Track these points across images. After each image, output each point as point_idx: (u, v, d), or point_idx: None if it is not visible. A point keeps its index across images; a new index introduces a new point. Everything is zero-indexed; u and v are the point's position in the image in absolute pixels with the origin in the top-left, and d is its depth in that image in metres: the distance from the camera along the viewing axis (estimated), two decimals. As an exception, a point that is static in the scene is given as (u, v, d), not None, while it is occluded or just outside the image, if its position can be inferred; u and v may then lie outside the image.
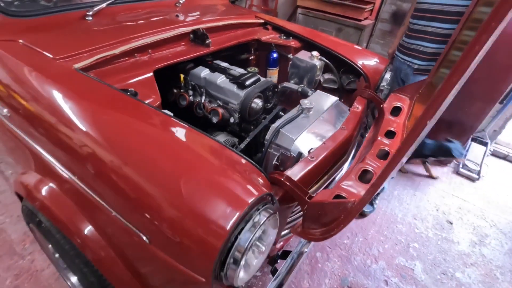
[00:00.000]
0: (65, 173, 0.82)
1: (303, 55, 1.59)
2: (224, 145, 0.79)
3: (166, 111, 0.89)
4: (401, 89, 1.41)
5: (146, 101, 0.91)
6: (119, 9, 1.35)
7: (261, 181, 0.75)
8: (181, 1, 1.61)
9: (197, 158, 0.73)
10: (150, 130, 0.79)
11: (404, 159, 0.60)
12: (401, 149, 0.58)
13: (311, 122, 1.13)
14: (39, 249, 1.46)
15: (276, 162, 1.08)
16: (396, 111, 1.28)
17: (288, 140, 1.05)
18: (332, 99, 1.32)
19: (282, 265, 1.09)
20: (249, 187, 0.67)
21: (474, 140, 2.76)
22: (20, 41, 1.03)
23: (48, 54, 0.98)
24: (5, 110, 0.94)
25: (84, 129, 0.76)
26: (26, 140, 0.91)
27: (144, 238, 0.68)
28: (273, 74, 1.71)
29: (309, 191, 0.82)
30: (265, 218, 0.65)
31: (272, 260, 1.15)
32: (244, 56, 1.74)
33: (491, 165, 2.61)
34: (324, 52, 1.60)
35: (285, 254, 1.16)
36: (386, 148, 1.00)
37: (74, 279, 1.21)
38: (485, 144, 2.70)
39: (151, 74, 1.09)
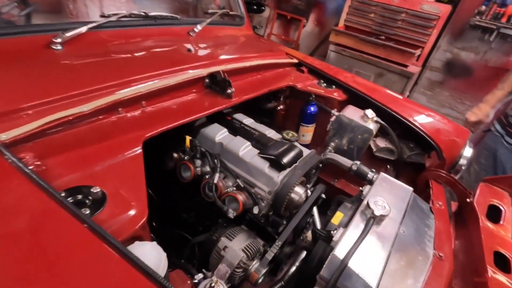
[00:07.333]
0: None
1: (352, 113, 1.19)
2: None
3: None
4: (497, 179, 1.04)
5: (114, 226, 0.47)
6: (107, 36, 0.94)
7: None
8: (196, 30, 1.22)
9: None
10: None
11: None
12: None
13: (388, 248, 0.69)
14: None
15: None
16: (493, 213, 0.95)
17: (363, 284, 0.60)
18: (406, 191, 0.89)
19: None
20: None
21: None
22: None
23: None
24: None
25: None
26: None
27: None
28: (308, 132, 1.30)
29: None
30: None
31: None
32: (271, 104, 1.33)
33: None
34: (378, 109, 1.21)
35: None
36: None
37: None
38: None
39: (139, 148, 0.66)
